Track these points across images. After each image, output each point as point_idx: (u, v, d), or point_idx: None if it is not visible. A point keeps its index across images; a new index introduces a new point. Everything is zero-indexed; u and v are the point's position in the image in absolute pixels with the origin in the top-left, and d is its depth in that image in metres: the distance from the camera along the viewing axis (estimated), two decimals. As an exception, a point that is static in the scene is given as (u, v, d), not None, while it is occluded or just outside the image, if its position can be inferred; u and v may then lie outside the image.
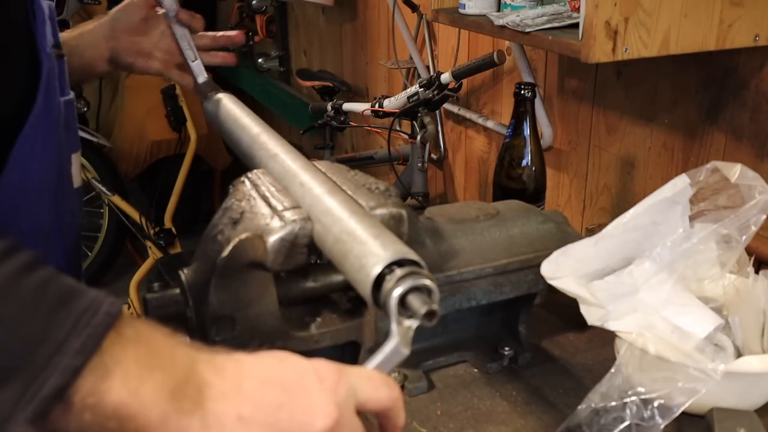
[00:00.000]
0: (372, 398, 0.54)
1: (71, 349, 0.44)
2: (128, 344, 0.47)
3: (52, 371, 0.44)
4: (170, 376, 0.47)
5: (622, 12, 0.92)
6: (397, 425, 0.56)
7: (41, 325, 0.45)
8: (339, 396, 0.51)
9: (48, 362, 0.44)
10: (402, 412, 0.56)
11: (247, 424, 0.49)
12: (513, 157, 1.20)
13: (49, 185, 0.78)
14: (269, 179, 0.76)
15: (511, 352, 0.89)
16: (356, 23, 2.53)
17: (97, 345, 0.45)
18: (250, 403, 0.49)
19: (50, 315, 0.45)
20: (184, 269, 0.70)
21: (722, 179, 0.79)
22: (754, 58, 1.08)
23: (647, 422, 0.69)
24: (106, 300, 0.47)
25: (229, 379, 0.50)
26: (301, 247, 0.68)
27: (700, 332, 0.75)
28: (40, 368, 0.44)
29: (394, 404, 0.55)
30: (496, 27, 1.16)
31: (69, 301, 0.46)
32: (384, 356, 0.55)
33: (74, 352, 0.44)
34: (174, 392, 0.47)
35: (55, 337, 0.45)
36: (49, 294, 0.46)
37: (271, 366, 0.52)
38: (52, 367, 0.44)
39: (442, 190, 2.13)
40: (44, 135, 0.74)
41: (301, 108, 2.83)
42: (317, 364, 0.53)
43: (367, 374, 0.54)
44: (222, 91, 1.04)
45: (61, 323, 0.45)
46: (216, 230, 0.70)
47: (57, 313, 0.45)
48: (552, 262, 0.81)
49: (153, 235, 2.81)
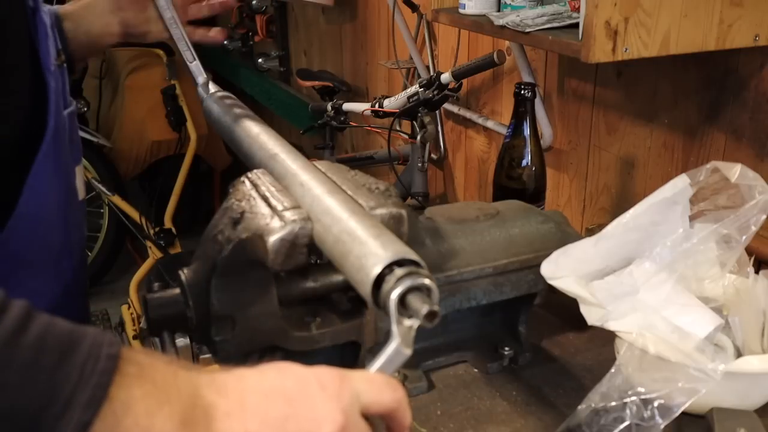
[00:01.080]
0: (376, 401, 0.53)
1: (80, 403, 0.44)
2: (133, 383, 0.46)
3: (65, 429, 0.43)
4: (178, 405, 0.47)
5: (622, 12, 0.92)
6: (403, 425, 0.56)
7: (46, 384, 0.44)
8: (343, 402, 0.51)
9: (59, 421, 0.43)
10: (408, 412, 0.56)
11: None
12: (513, 157, 1.20)
13: (59, 205, 0.76)
14: (269, 179, 0.76)
15: (511, 352, 0.89)
16: (356, 23, 2.53)
17: (104, 394, 0.45)
18: (256, 419, 0.49)
19: (54, 371, 0.44)
20: (184, 269, 0.70)
21: (722, 179, 0.79)
22: (754, 58, 1.08)
23: (647, 422, 0.69)
24: (104, 341, 0.47)
25: (232, 397, 0.50)
26: (301, 247, 0.68)
27: (700, 332, 0.75)
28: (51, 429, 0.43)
29: (398, 405, 0.55)
30: (496, 27, 1.16)
31: (70, 352, 0.45)
32: (386, 358, 0.55)
33: (84, 406, 0.44)
34: (183, 421, 0.47)
35: (62, 395, 0.44)
36: (48, 349, 0.45)
37: (272, 378, 0.52)
38: (63, 425, 0.43)
39: (442, 190, 2.13)
40: (56, 158, 0.72)
41: (301, 108, 2.83)
42: (318, 371, 0.53)
43: (370, 377, 0.54)
44: (222, 91, 1.04)
45: (66, 378, 0.44)
46: (216, 230, 0.70)
47: (60, 368, 0.44)
48: (552, 262, 0.81)
49: (153, 235, 2.81)
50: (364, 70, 2.54)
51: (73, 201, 0.81)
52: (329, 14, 2.75)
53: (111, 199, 2.91)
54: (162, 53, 3.17)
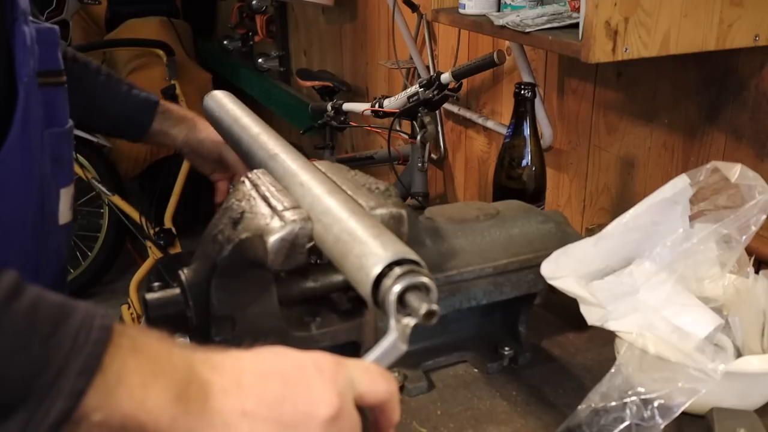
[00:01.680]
0: (370, 390, 0.53)
1: (73, 371, 0.44)
2: (127, 355, 0.46)
3: (57, 397, 0.43)
4: (172, 380, 0.47)
5: (622, 12, 0.92)
6: (392, 420, 0.56)
7: (39, 352, 0.44)
8: (339, 386, 0.52)
9: (51, 389, 0.43)
10: (398, 408, 0.56)
11: (252, 418, 0.49)
12: (513, 157, 1.20)
13: (24, 222, 0.73)
14: (269, 179, 0.76)
15: (511, 352, 0.89)
16: (356, 23, 2.53)
17: (98, 363, 0.45)
18: (252, 398, 0.49)
19: (46, 339, 0.44)
20: (184, 269, 0.70)
21: (722, 179, 0.79)
22: (754, 58, 1.08)
23: (647, 422, 0.69)
24: (97, 313, 0.47)
25: (228, 376, 0.50)
26: (301, 247, 0.68)
27: (700, 332, 0.75)
28: (43, 396, 0.43)
29: (391, 398, 0.55)
30: (496, 27, 1.16)
31: (62, 321, 0.45)
32: (382, 351, 0.55)
33: (77, 374, 0.44)
34: (178, 395, 0.47)
35: (55, 362, 0.44)
36: (41, 317, 0.45)
37: (269, 360, 0.53)
38: (55, 392, 0.43)
39: (442, 190, 2.13)
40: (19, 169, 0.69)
41: (301, 108, 2.83)
42: (315, 355, 0.53)
43: (365, 366, 0.54)
44: (222, 91, 1.05)
45: (59, 346, 0.44)
46: (216, 230, 0.70)
47: (53, 336, 0.44)
48: (552, 262, 0.81)
49: (153, 235, 2.81)
50: (364, 70, 2.54)
51: (51, 222, 0.78)
52: (329, 14, 2.75)
53: (111, 199, 2.91)
54: (162, 53, 3.17)
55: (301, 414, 0.50)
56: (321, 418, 0.50)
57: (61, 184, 0.80)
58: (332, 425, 0.50)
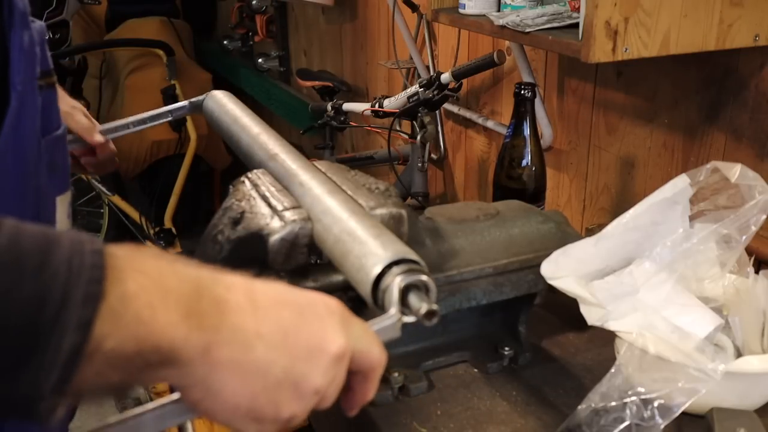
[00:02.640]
0: (366, 351, 0.53)
1: (76, 301, 0.40)
2: (126, 276, 0.43)
3: (65, 331, 0.40)
4: (181, 296, 0.45)
5: (622, 12, 0.92)
6: (368, 393, 0.55)
7: (33, 286, 0.40)
8: (346, 331, 0.51)
9: (56, 324, 0.40)
10: (377, 384, 0.55)
11: (267, 342, 0.47)
12: (513, 157, 1.20)
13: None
14: (269, 179, 0.76)
15: (511, 352, 0.89)
16: (356, 23, 2.53)
17: (100, 289, 0.41)
18: (268, 321, 0.48)
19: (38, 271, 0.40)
20: (184, 269, 0.70)
21: (722, 179, 0.79)
22: (754, 58, 1.08)
23: (647, 422, 0.69)
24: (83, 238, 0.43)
25: (242, 295, 0.48)
26: (301, 247, 0.68)
27: (700, 332, 0.75)
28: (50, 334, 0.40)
29: (378, 367, 0.54)
30: (496, 27, 1.16)
31: (50, 250, 0.41)
32: (381, 326, 0.55)
33: (80, 303, 0.40)
34: (189, 312, 0.45)
35: (54, 295, 0.40)
36: (26, 249, 0.40)
37: (282, 289, 0.51)
38: (62, 326, 0.40)
39: (442, 190, 2.13)
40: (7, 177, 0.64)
41: (301, 108, 2.83)
42: (324, 296, 0.53)
43: (368, 329, 0.54)
44: (222, 92, 1.04)
45: (54, 277, 0.40)
46: (216, 230, 0.70)
47: (44, 267, 0.40)
48: (552, 262, 0.81)
49: (153, 235, 2.81)
50: (364, 70, 2.54)
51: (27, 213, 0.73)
52: (329, 14, 2.75)
53: (111, 199, 2.91)
54: (162, 53, 3.17)
55: (313, 346, 0.49)
56: (330, 354, 0.49)
57: (57, 192, 0.76)
58: (336, 365, 0.50)
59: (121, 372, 0.43)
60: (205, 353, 0.45)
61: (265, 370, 0.47)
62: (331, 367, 0.49)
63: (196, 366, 0.45)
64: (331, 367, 0.49)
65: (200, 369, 0.45)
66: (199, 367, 0.45)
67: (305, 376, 0.49)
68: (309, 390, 0.49)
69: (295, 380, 0.48)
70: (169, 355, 0.44)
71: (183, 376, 0.46)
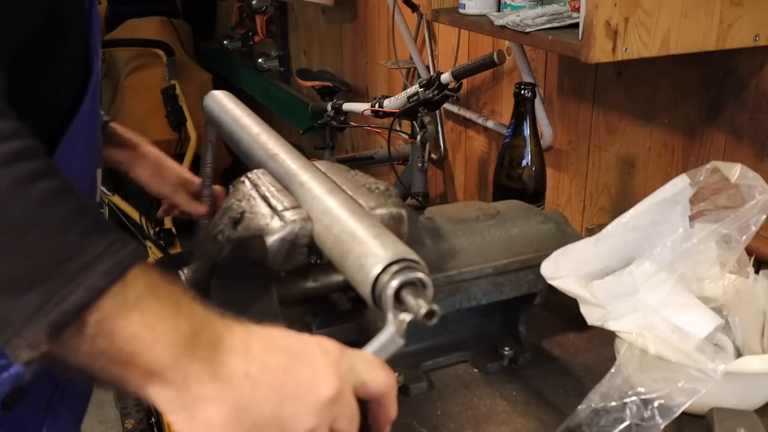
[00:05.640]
0: (370, 380, 0.54)
1: (99, 270, 0.45)
2: (151, 283, 0.48)
3: (77, 287, 0.45)
4: (187, 322, 0.48)
5: (622, 12, 0.92)
6: (390, 415, 0.56)
7: (74, 242, 0.46)
8: (341, 370, 0.52)
9: (74, 278, 0.45)
10: (395, 403, 0.56)
11: (254, 382, 0.49)
12: (513, 157, 1.20)
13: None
14: (269, 179, 0.76)
15: (511, 352, 0.89)
16: (356, 23, 2.53)
17: (124, 272, 0.46)
18: (257, 363, 0.50)
19: (84, 236, 0.47)
20: (184, 269, 0.70)
21: (722, 179, 0.79)
22: (754, 58, 1.08)
23: (647, 422, 0.69)
24: (133, 242, 0.49)
25: (238, 337, 0.51)
26: (301, 247, 0.68)
27: (700, 332, 0.75)
28: (65, 281, 0.45)
29: (390, 390, 0.55)
30: (496, 27, 1.16)
31: (102, 229, 0.48)
32: (380, 344, 0.55)
33: (102, 273, 0.45)
34: (189, 338, 0.48)
35: (85, 257, 0.46)
36: (85, 218, 0.48)
37: (276, 334, 0.53)
38: (77, 282, 0.45)
39: (442, 190, 2.13)
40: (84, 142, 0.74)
41: (301, 108, 2.83)
42: (320, 338, 0.54)
43: (367, 357, 0.55)
44: (222, 92, 1.05)
45: (93, 246, 0.46)
46: (216, 230, 0.70)
47: (90, 236, 0.47)
48: (552, 262, 0.81)
49: (153, 235, 2.81)
50: (364, 70, 2.54)
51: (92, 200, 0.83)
52: (329, 14, 2.75)
53: (111, 199, 2.91)
54: (162, 53, 3.17)
55: (301, 388, 0.50)
56: (321, 395, 0.50)
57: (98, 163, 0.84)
58: (331, 407, 0.51)
59: (106, 360, 0.46)
60: (185, 382, 0.47)
61: (253, 410, 0.49)
62: (324, 409, 0.50)
63: (178, 391, 0.47)
64: (324, 408, 0.50)
65: (181, 395, 0.47)
66: (182, 392, 0.47)
67: (294, 417, 0.50)
68: (298, 431, 0.50)
69: (282, 421, 0.49)
70: (153, 369, 0.46)
71: (165, 398, 0.48)
